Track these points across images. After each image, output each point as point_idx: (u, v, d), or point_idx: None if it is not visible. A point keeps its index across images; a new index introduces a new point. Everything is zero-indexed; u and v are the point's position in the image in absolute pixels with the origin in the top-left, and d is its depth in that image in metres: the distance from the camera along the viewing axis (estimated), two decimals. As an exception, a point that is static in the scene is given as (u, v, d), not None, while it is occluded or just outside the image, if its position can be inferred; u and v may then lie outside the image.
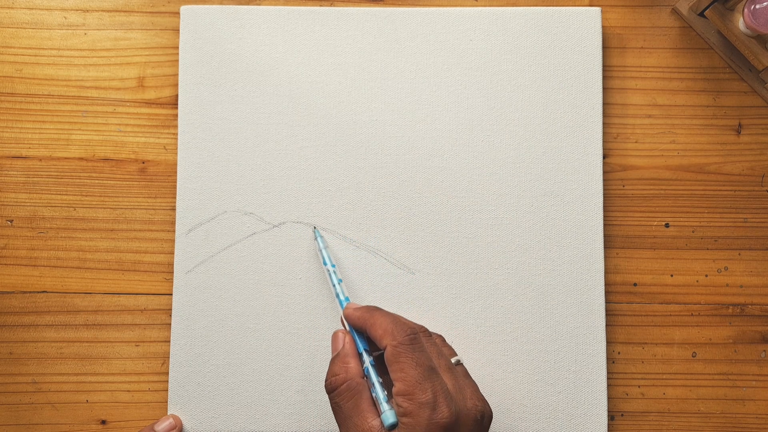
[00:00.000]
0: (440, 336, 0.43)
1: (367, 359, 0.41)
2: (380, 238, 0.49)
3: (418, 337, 0.39)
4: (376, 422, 0.38)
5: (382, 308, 0.42)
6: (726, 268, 0.50)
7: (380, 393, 0.39)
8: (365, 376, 0.40)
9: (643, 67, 0.51)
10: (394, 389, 0.38)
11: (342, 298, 0.45)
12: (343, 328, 0.43)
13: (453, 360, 0.41)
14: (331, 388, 0.40)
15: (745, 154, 0.50)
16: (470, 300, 0.48)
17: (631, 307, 0.50)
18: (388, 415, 0.38)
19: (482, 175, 0.49)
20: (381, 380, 0.40)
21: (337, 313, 0.48)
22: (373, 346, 0.42)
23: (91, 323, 0.49)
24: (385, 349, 0.39)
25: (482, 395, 0.40)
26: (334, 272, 0.46)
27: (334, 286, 0.45)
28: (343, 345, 0.42)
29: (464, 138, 0.49)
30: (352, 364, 0.40)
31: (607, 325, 0.48)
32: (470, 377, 0.41)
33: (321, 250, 0.47)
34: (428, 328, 0.42)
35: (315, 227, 0.48)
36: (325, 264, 0.46)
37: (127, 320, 0.49)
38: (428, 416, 0.36)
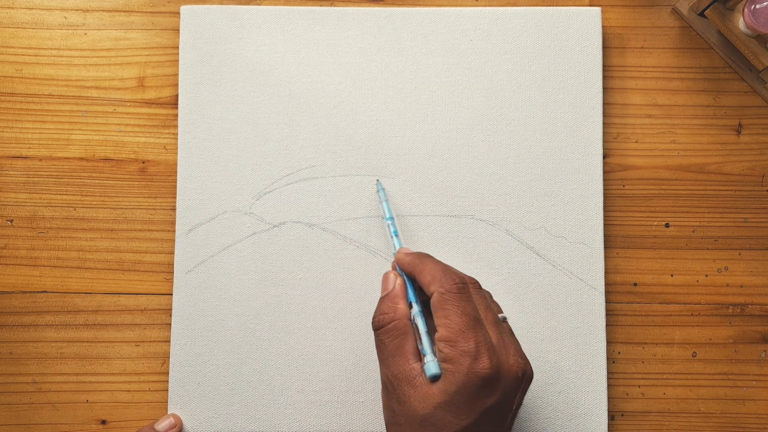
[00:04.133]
0: (489, 292, 0.43)
1: (416, 306, 0.41)
2: (380, 238, 0.49)
3: (466, 287, 0.40)
4: (417, 365, 0.39)
5: (434, 256, 0.43)
6: (726, 268, 0.50)
7: (426, 341, 0.39)
8: (412, 321, 0.41)
9: (643, 67, 0.51)
10: (437, 335, 0.38)
11: (397, 245, 0.45)
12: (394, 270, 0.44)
13: (500, 316, 0.41)
14: (378, 325, 0.41)
15: (745, 154, 0.50)
16: (470, 300, 0.48)
17: (631, 307, 0.50)
18: (431, 366, 0.38)
19: (482, 175, 0.49)
20: (428, 329, 0.40)
21: (338, 314, 0.48)
22: (422, 295, 0.42)
23: (91, 323, 0.49)
24: (432, 296, 0.39)
25: (525, 355, 0.40)
26: (392, 224, 0.46)
27: (391, 237, 0.46)
28: (394, 286, 0.42)
29: (464, 138, 0.49)
30: (401, 305, 0.41)
31: (607, 325, 0.48)
32: (514, 336, 0.41)
33: (382, 203, 0.47)
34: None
35: (378, 179, 0.49)
36: (385, 218, 0.47)
37: (127, 320, 0.49)
38: (469, 365, 0.37)
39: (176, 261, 0.49)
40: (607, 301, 0.49)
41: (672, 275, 0.50)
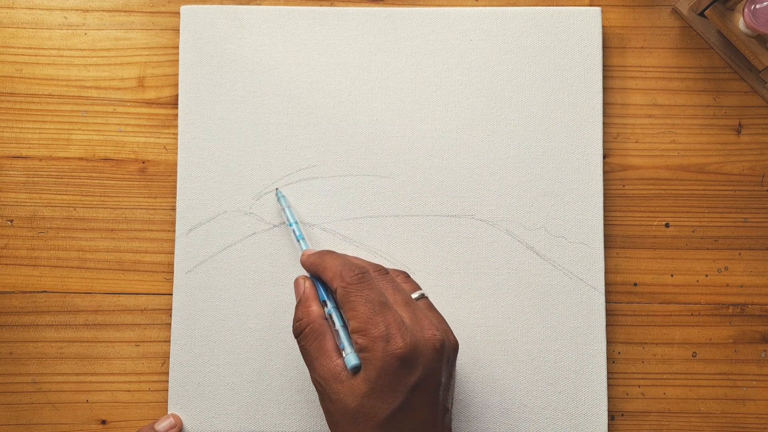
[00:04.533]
0: (403, 273, 0.44)
1: (329, 303, 0.41)
2: (380, 238, 0.49)
3: (367, 275, 0.40)
4: (339, 361, 0.39)
5: (335, 251, 0.43)
6: (726, 268, 0.50)
7: (343, 335, 0.40)
8: (328, 319, 0.41)
9: (643, 67, 0.51)
10: (349, 328, 0.39)
11: (303, 247, 0.46)
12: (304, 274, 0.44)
13: (416, 294, 0.42)
14: (296, 333, 0.41)
15: (745, 154, 0.50)
16: (470, 300, 0.48)
17: (632, 307, 0.50)
18: (350, 358, 0.39)
19: (482, 175, 0.49)
20: (344, 323, 0.40)
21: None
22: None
23: (91, 323, 0.49)
24: (336, 292, 0.40)
25: (446, 326, 0.40)
26: (297, 228, 0.47)
27: (297, 242, 0.46)
28: (304, 290, 0.42)
29: (464, 138, 0.49)
30: (314, 307, 0.41)
31: (607, 325, 0.48)
32: (434, 309, 0.41)
33: (284, 209, 0.48)
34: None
35: (277, 188, 0.49)
36: (288, 224, 0.47)
37: (127, 320, 0.49)
38: (383, 348, 0.37)
39: (176, 261, 0.49)
40: (607, 301, 0.49)
41: (672, 275, 0.50)
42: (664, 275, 0.50)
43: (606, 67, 0.51)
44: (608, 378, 0.48)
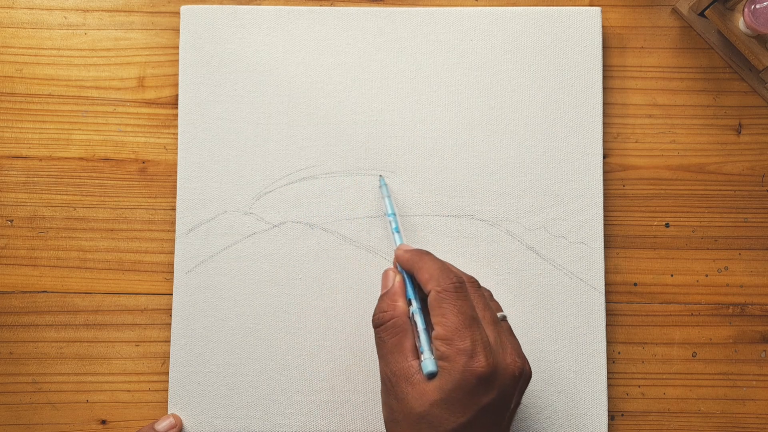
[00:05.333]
0: (489, 291, 0.43)
1: (415, 303, 0.41)
2: (380, 238, 0.49)
3: (463, 286, 0.40)
4: (415, 362, 0.39)
5: (433, 254, 0.43)
6: (726, 268, 0.50)
7: (424, 339, 0.39)
8: (411, 318, 0.41)
9: (643, 67, 0.51)
10: (433, 333, 0.39)
11: (398, 242, 0.45)
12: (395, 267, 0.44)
13: (499, 315, 0.41)
14: (378, 323, 0.41)
15: (745, 154, 0.50)
16: (470, 300, 0.48)
17: (632, 307, 0.50)
18: (428, 363, 0.38)
19: (482, 175, 0.49)
20: (426, 326, 0.40)
21: (338, 314, 0.48)
22: (422, 292, 0.42)
23: (91, 323, 0.49)
24: (429, 294, 0.40)
25: (524, 354, 0.40)
26: (394, 220, 0.46)
27: (392, 233, 0.46)
28: (393, 283, 0.42)
29: (464, 138, 0.49)
30: (400, 302, 0.41)
31: (607, 325, 0.48)
32: (514, 335, 0.41)
33: (384, 198, 0.47)
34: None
35: (381, 175, 0.49)
36: (387, 214, 0.47)
37: (127, 320, 0.49)
38: (464, 363, 0.37)
39: (176, 261, 0.49)
40: (607, 301, 0.49)
41: (672, 275, 0.50)
42: (664, 275, 0.50)
43: (606, 67, 0.51)
44: (608, 378, 0.48)
